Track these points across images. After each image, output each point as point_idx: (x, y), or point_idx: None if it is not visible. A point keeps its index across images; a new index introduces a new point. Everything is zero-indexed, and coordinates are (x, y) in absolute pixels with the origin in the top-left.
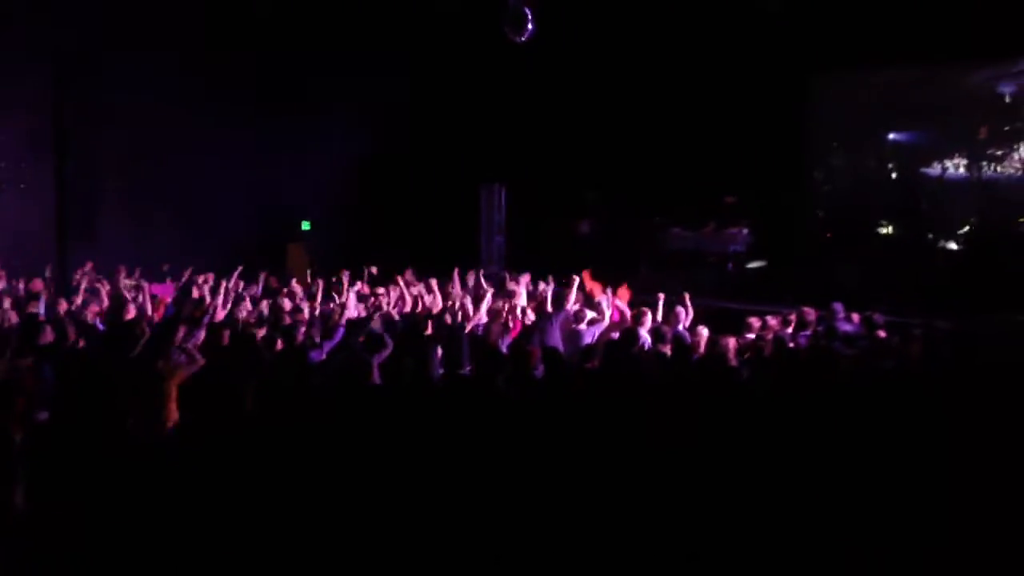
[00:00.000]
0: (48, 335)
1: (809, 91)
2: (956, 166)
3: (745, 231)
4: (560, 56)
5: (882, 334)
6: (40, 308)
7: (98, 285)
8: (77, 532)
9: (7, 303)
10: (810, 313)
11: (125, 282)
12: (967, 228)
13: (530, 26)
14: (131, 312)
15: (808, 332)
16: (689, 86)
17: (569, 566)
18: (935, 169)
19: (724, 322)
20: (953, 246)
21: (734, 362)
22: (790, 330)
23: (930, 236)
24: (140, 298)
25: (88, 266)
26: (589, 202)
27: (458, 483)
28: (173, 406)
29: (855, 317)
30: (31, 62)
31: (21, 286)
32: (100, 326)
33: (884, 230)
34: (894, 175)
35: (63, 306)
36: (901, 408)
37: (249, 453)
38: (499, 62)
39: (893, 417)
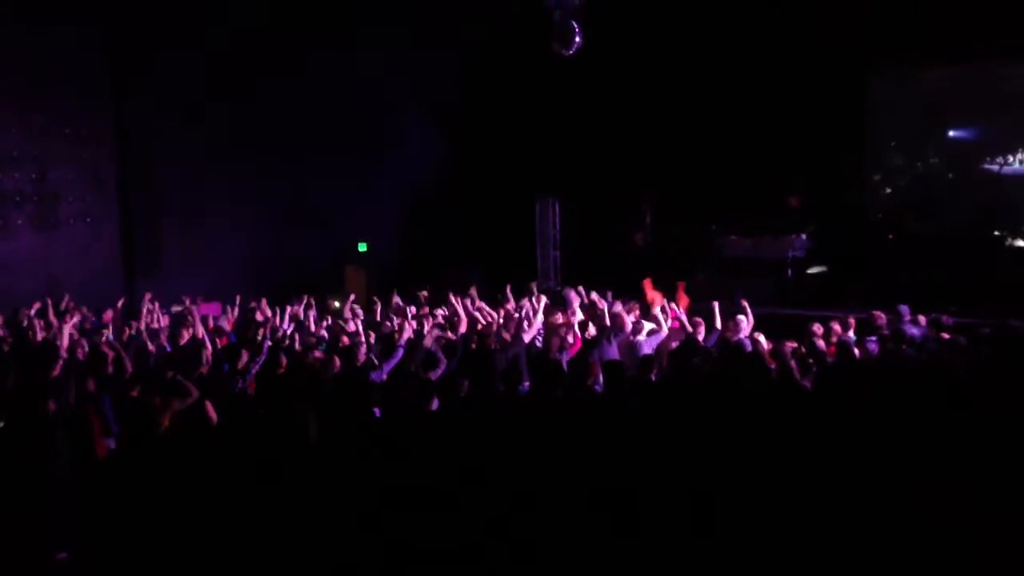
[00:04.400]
0: (109, 366)
1: (864, 91)
2: (1020, 161)
3: (804, 236)
4: (611, 66)
5: (945, 336)
6: (108, 338)
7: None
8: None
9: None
10: (880, 317)
11: (175, 308)
12: None
13: (578, 39)
14: (184, 337)
15: (875, 337)
16: (742, 91)
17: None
18: (997, 165)
19: (785, 329)
20: (1021, 243)
21: (796, 370)
22: (852, 333)
23: (996, 234)
24: (192, 323)
25: (147, 296)
26: (644, 212)
27: (522, 499)
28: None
29: (922, 319)
30: (95, 98)
31: (92, 317)
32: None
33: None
34: (951, 174)
35: (127, 334)
36: (973, 412)
37: (314, 479)
38: (549, 76)
39: (963, 422)
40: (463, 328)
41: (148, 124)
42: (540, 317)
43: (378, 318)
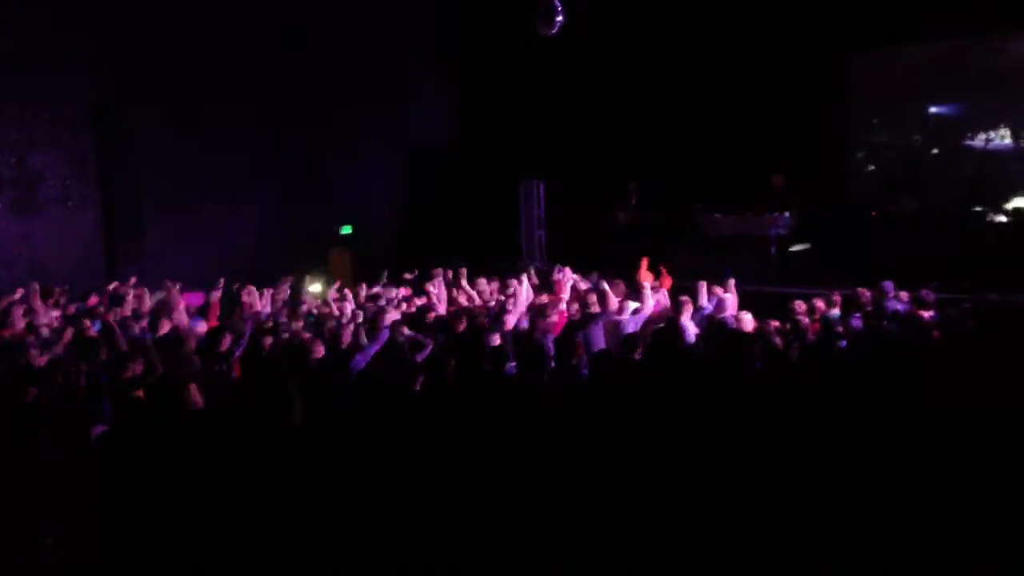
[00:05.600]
0: (103, 353)
1: (846, 68)
2: (1001, 137)
3: (787, 214)
4: (594, 47)
5: (925, 314)
6: (95, 325)
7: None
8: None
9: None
10: (864, 294)
11: (158, 295)
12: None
13: (560, 19)
14: (166, 326)
15: (859, 314)
16: (724, 70)
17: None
18: (979, 141)
19: (769, 307)
20: (1002, 219)
21: (780, 347)
22: (837, 311)
23: (979, 210)
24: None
25: (132, 280)
26: (628, 191)
27: (505, 481)
28: None
29: (904, 295)
30: (73, 79)
31: (74, 306)
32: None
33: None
34: (936, 150)
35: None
36: (953, 386)
37: (298, 459)
38: (533, 57)
39: (944, 396)
40: (442, 309)
41: (127, 105)
42: (526, 296)
43: (363, 300)
